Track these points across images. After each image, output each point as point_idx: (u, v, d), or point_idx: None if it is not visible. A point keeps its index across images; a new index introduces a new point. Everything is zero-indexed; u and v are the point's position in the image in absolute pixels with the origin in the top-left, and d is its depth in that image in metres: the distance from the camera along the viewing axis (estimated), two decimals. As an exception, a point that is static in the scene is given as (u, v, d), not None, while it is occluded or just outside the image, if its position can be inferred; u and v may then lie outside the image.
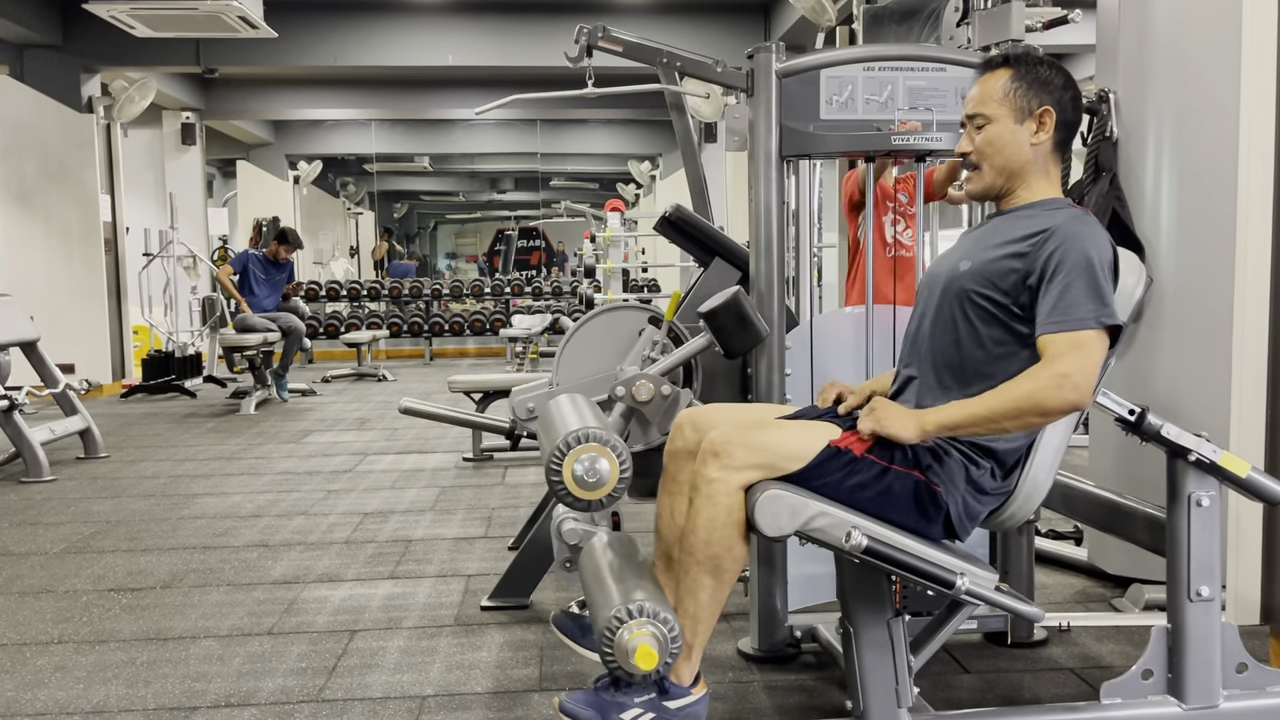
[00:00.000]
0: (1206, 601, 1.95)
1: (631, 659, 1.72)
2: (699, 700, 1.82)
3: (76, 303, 8.71)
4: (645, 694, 1.79)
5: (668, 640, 1.74)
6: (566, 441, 1.93)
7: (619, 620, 1.74)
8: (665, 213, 3.28)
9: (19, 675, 2.55)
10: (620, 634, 1.73)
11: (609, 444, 1.94)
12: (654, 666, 1.73)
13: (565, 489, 1.93)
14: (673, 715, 1.79)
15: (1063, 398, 1.71)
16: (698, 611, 1.81)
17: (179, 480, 4.95)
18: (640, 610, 1.74)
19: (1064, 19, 3.28)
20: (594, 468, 1.93)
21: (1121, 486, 2.67)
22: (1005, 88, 1.91)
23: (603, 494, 1.95)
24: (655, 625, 1.73)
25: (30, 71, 8.70)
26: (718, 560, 1.78)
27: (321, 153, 14.88)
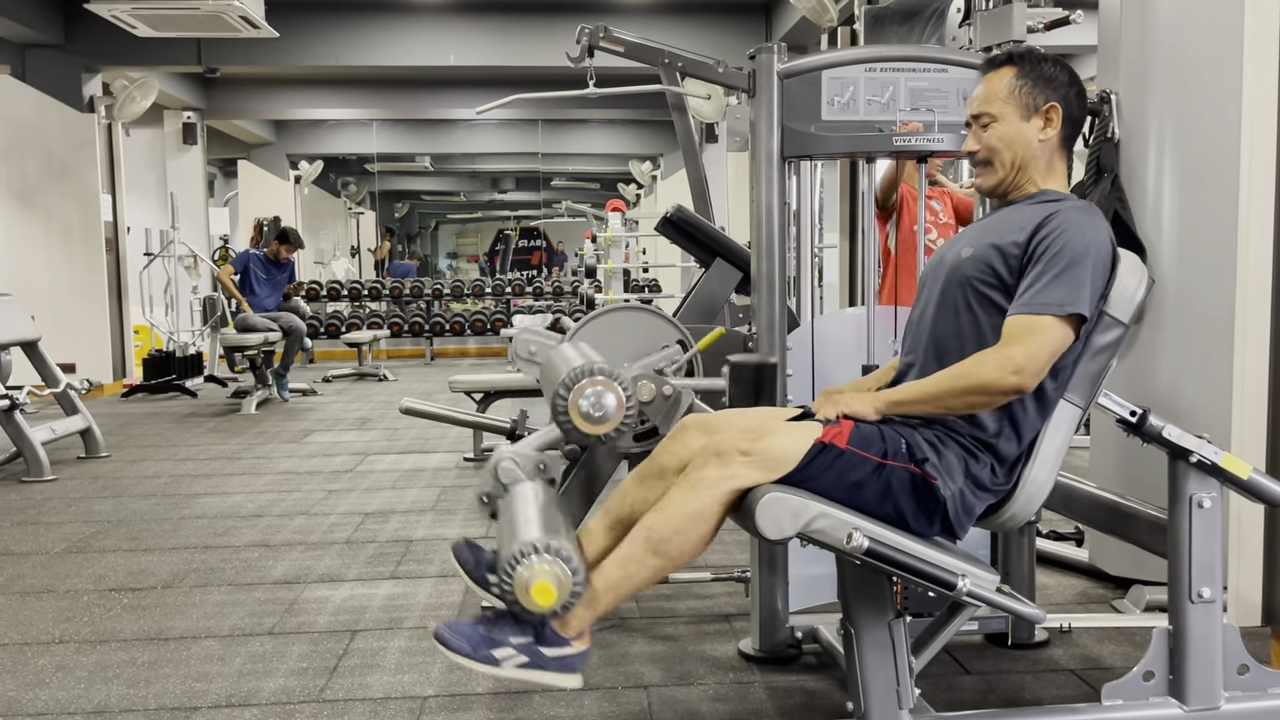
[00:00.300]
0: (1208, 603, 1.95)
1: (529, 593, 1.69)
2: (577, 654, 1.78)
3: (77, 302, 8.72)
4: (523, 636, 1.76)
5: (570, 583, 1.71)
6: (573, 376, 1.92)
7: (526, 553, 1.71)
8: (667, 213, 3.29)
9: (20, 675, 2.55)
10: (523, 566, 1.70)
11: (615, 378, 1.94)
12: (549, 605, 1.70)
13: (571, 423, 1.92)
14: (546, 662, 1.76)
15: (1004, 380, 1.74)
16: (620, 580, 1.78)
17: (180, 480, 4.95)
18: (547, 548, 1.71)
19: (1066, 20, 3.28)
20: (600, 401, 1.92)
21: (1123, 488, 2.67)
22: (1010, 85, 1.92)
23: (608, 427, 1.94)
24: (560, 565, 1.71)
25: (32, 71, 8.70)
26: (668, 546, 1.76)
27: (323, 152, 14.89)
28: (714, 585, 3.16)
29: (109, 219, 8.99)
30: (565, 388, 1.93)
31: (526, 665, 1.75)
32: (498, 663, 1.74)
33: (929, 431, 1.84)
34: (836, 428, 1.80)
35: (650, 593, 3.10)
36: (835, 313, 3.11)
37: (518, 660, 1.75)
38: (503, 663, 1.74)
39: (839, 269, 5.36)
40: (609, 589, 1.79)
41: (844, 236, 5.33)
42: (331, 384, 9.41)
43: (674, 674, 2.50)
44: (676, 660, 2.59)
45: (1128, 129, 2.97)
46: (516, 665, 1.75)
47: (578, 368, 1.93)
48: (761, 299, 2.47)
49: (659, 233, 3.60)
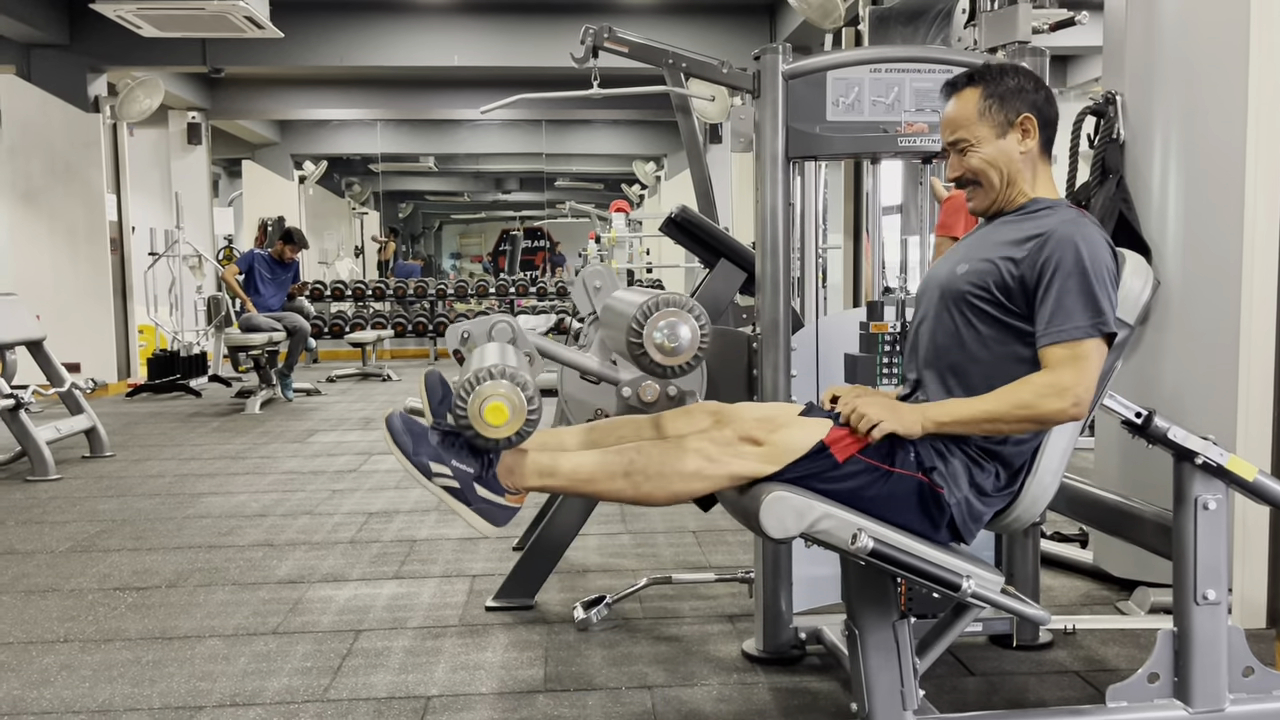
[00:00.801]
0: (1213, 605, 1.95)
1: (482, 414, 1.69)
2: (505, 507, 1.78)
3: (82, 302, 8.73)
4: (466, 464, 1.75)
5: (524, 410, 1.70)
6: (647, 308, 1.92)
7: (486, 376, 1.70)
8: (671, 214, 3.29)
9: (25, 674, 2.56)
10: (480, 388, 1.70)
11: (689, 309, 1.94)
12: (502, 424, 1.69)
13: (647, 354, 1.92)
14: (473, 498, 1.75)
15: (1061, 408, 1.73)
16: (585, 476, 1.79)
17: (184, 479, 4.96)
18: (506, 374, 1.71)
19: (1071, 20, 3.28)
20: (675, 332, 1.92)
21: (1127, 489, 2.66)
22: (979, 106, 1.90)
23: (684, 358, 1.94)
24: (516, 393, 1.70)
25: (37, 71, 8.72)
26: (644, 482, 1.76)
27: (327, 152, 14.90)
28: (718, 586, 3.16)
29: (114, 219, 9.00)
30: (641, 318, 1.92)
31: (453, 491, 1.75)
32: (430, 475, 1.74)
33: (937, 440, 1.84)
34: (843, 432, 1.79)
35: (654, 593, 3.10)
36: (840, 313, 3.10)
37: (448, 482, 1.75)
38: (434, 477, 1.74)
39: (843, 270, 5.36)
40: (569, 474, 1.80)
41: (848, 237, 5.33)
42: (335, 384, 9.41)
43: (678, 675, 2.50)
44: (680, 661, 2.59)
45: (1133, 130, 2.96)
46: (444, 486, 1.75)
47: (651, 299, 1.92)
48: (766, 299, 2.47)
49: (663, 233, 3.60)
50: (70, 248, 8.76)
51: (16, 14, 7.87)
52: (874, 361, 2.39)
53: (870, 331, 2.40)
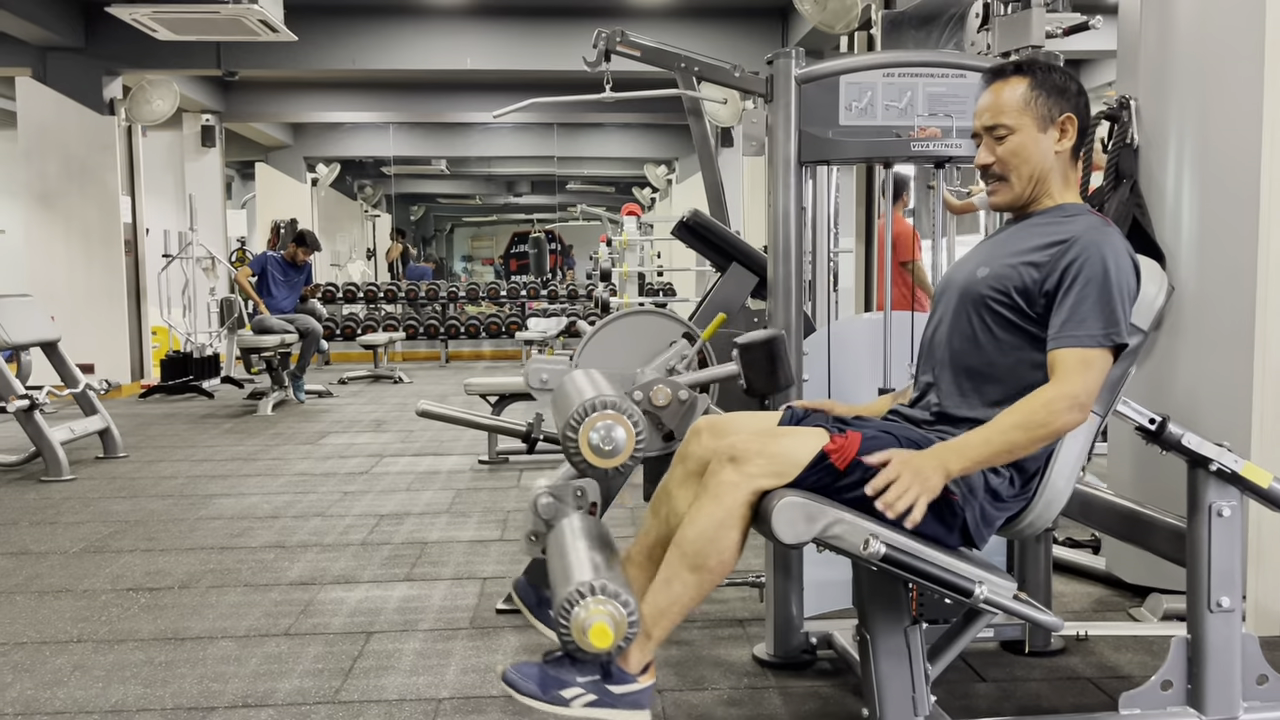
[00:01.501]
0: (1227, 612, 1.94)
1: (586, 635, 1.71)
2: (644, 689, 1.80)
3: (96, 303, 8.78)
4: (590, 675, 1.77)
5: (625, 622, 1.73)
6: (583, 409, 1.93)
7: (580, 595, 1.73)
8: (683, 218, 3.29)
9: (38, 674, 2.57)
10: (578, 609, 1.72)
11: (625, 412, 1.94)
12: (608, 646, 1.72)
13: (581, 456, 1.93)
14: (615, 700, 1.77)
15: (1076, 420, 1.73)
16: (668, 605, 1.80)
17: (196, 481, 4.98)
18: (601, 589, 1.73)
19: (1085, 25, 3.27)
20: (610, 435, 1.93)
21: (1140, 495, 2.65)
22: (1025, 96, 1.89)
23: (618, 461, 1.95)
24: (614, 605, 1.72)
25: (53, 73, 8.77)
26: (704, 559, 1.77)
27: (340, 155, 14.95)
28: (728, 590, 3.15)
29: (128, 221, 9.05)
30: (574, 422, 1.93)
31: (595, 704, 1.77)
32: (567, 703, 1.76)
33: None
34: (843, 438, 1.79)
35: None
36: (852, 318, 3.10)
37: (586, 699, 1.77)
38: (572, 702, 1.76)
39: (854, 274, 5.35)
40: (659, 615, 1.81)
41: (860, 241, 5.32)
42: (347, 386, 9.44)
43: (688, 679, 2.50)
44: (690, 665, 2.59)
45: (1147, 135, 2.95)
46: (585, 704, 1.77)
47: (586, 401, 1.94)
48: (778, 304, 2.47)
49: (675, 237, 3.60)
50: (85, 249, 8.81)
51: (33, 17, 7.92)
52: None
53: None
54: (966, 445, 1.74)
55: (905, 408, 2.02)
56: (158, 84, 9.06)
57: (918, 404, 1.98)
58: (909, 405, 2.01)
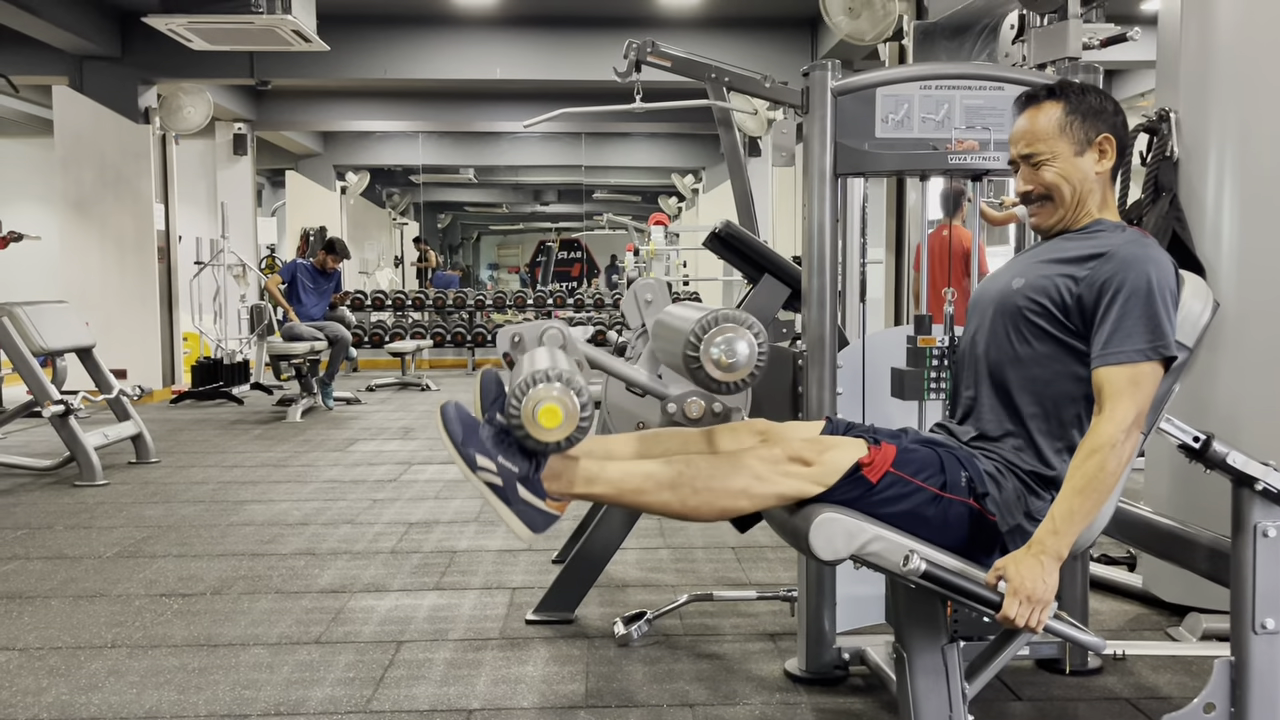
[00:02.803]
0: (1272, 634, 1.90)
1: (535, 416, 1.68)
2: (545, 512, 1.76)
3: (129, 309, 8.88)
4: (513, 463, 1.74)
5: (577, 414, 1.70)
6: (705, 323, 1.92)
7: (542, 378, 1.70)
8: (715, 229, 3.28)
9: (73, 678, 2.59)
10: (534, 389, 1.69)
11: (747, 324, 1.93)
12: (554, 427, 1.68)
13: (704, 370, 1.92)
14: (514, 499, 1.74)
15: (1134, 444, 1.69)
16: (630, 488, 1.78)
17: (227, 486, 5.02)
18: (564, 378, 1.70)
19: (1122, 37, 3.24)
20: (732, 348, 1.92)
21: (1178, 512, 2.61)
22: (1060, 121, 1.86)
23: (742, 374, 1.93)
24: (571, 397, 1.70)
25: (89, 82, 8.90)
26: (690, 495, 1.75)
27: (369, 164, 15.08)
28: (759, 604, 3.14)
29: (161, 228, 9.15)
30: (697, 335, 1.91)
31: (495, 488, 1.74)
32: (474, 468, 1.73)
33: (989, 463, 1.82)
34: (878, 451, 1.77)
35: (694, 609, 3.08)
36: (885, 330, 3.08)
37: (491, 478, 1.74)
38: (477, 470, 1.74)
39: (884, 285, 5.32)
40: (615, 482, 1.79)
41: (890, 252, 5.30)
42: (375, 393, 9.49)
43: (719, 693, 2.49)
44: (722, 679, 2.58)
45: (1187, 147, 2.92)
46: (486, 481, 1.74)
47: (708, 315, 1.92)
48: (812, 315, 2.46)
49: (707, 248, 3.59)
50: (119, 256, 8.92)
51: (70, 27, 8.04)
52: (921, 375, 2.36)
53: (918, 346, 2.37)
54: (1057, 530, 1.65)
55: (951, 422, 2.00)
56: (192, 93, 9.17)
57: (963, 423, 1.96)
58: (956, 421, 1.99)
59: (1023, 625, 1.62)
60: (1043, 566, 1.62)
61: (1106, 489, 1.67)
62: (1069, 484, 1.68)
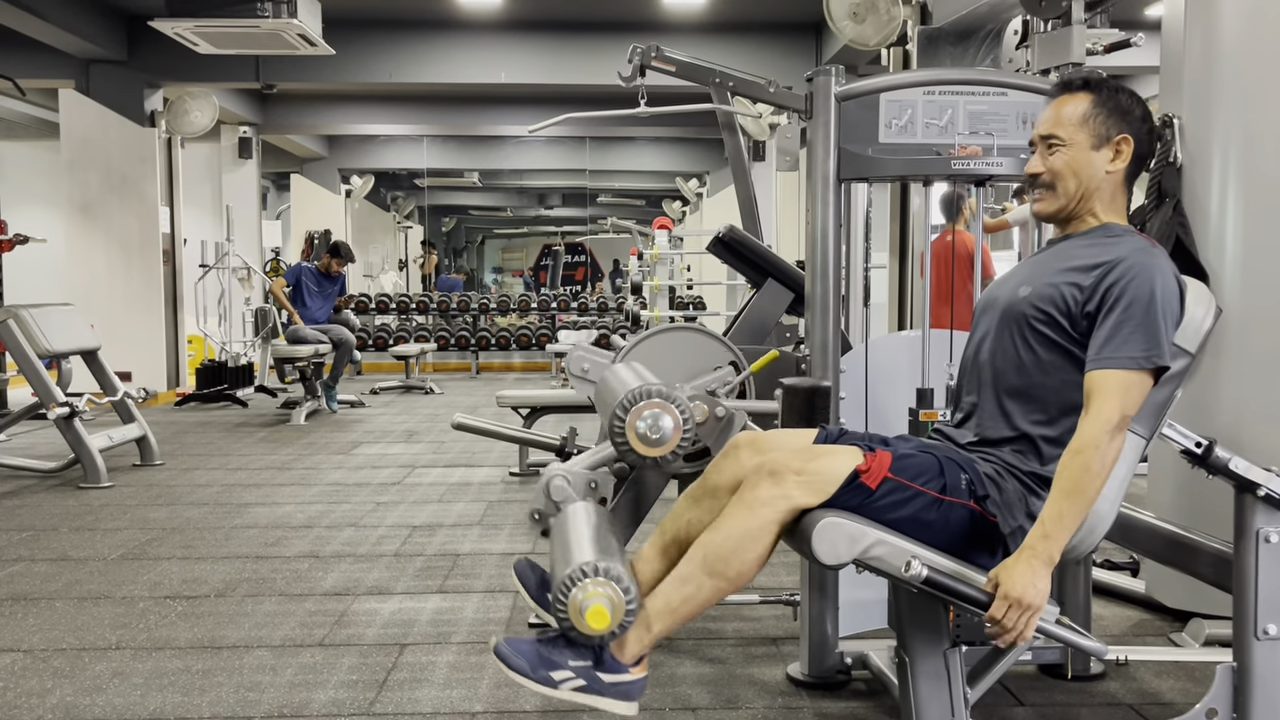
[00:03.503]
0: (1274, 640, 1.90)
1: (583, 616, 1.70)
2: (635, 681, 1.78)
3: (135, 312, 8.90)
4: (582, 660, 1.76)
5: (623, 606, 1.71)
6: (631, 397, 1.93)
7: (581, 575, 1.72)
8: (719, 233, 3.29)
9: (78, 680, 2.60)
10: (577, 589, 1.71)
11: (672, 400, 1.94)
12: (604, 628, 1.70)
13: (628, 444, 1.93)
14: (604, 688, 1.76)
15: (1119, 446, 1.70)
16: (678, 602, 1.78)
17: (231, 489, 5.03)
18: (603, 571, 1.72)
19: (1126, 43, 3.25)
20: (657, 424, 1.93)
21: (1181, 518, 2.62)
22: (1085, 113, 1.87)
23: (665, 450, 1.94)
24: (613, 588, 1.71)
25: (96, 86, 8.93)
26: (725, 566, 1.75)
27: (374, 167, 15.09)
28: (761, 608, 3.14)
29: (166, 231, 9.18)
30: (623, 410, 1.93)
31: (584, 689, 1.76)
32: (555, 685, 1.75)
33: (989, 465, 1.82)
34: (874, 457, 1.78)
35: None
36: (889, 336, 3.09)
37: (575, 684, 1.76)
38: (560, 685, 1.75)
39: (888, 290, 5.33)
40: (666, 612, 1.79)
41: (894, 257, 5.30)
42: (379, 396, 9.51)
43: (721, 697, 2.49)
44: (724, 683, 2.58)
45: (1190, 153, 2.92)
46: (573, 689, 1.76)
47: (635, 389, 1.94)
48: (816, 320, 2.46)
49: (711, 252, 3.60)
50: (124, 259, 8.94)
51: (76, 30, 8.07)
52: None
53: (920, 420, 2.38)
54: (1047, 534, 1.65)
55: (949, 427, 2.01)
56: (198, 97, 9.20)
57: (963, 425, 1.97)
58: (954, 425, 2.00)
59: (1010, 628, 1.63)
60: (1033, 571, 1.63)
61: (1093, 490, 1.67)
62: (1057, 487, 1.69)
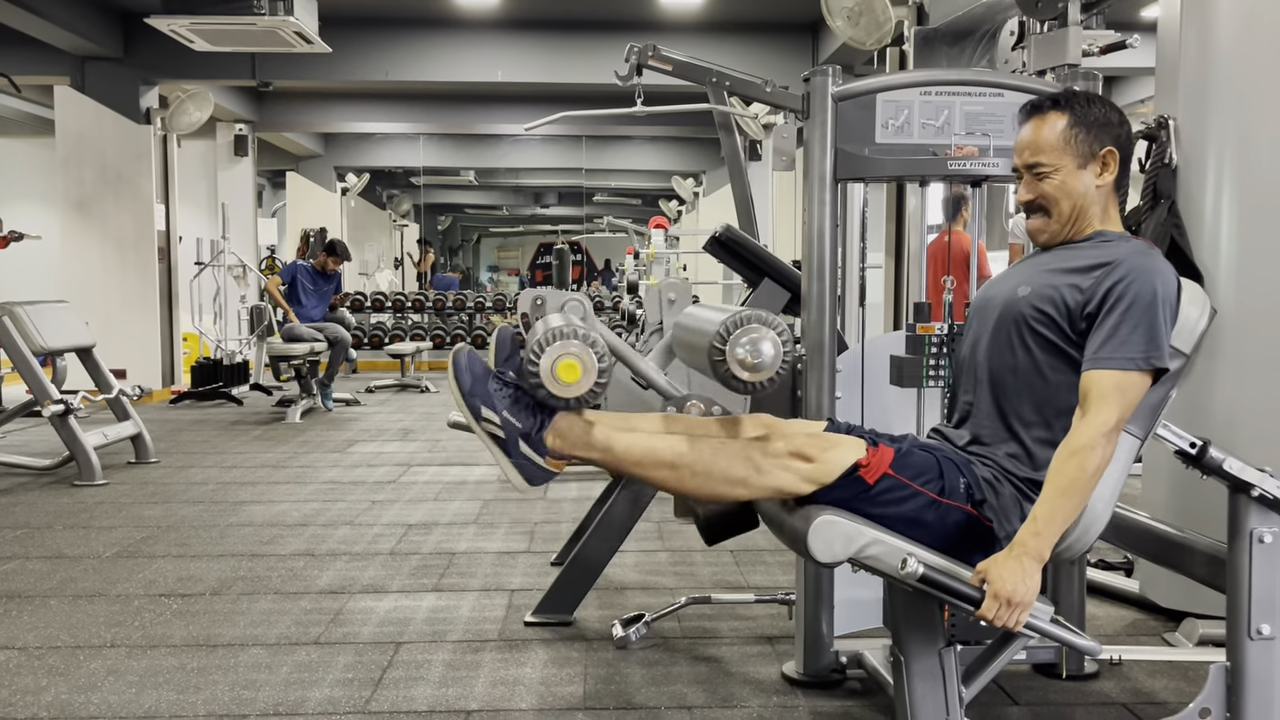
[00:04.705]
0: (1268, 640, 1.91)
1: (554, 371, 1.71)
2: (544, 469, 1.80)
3: (130, 309, 8.88)
4: (518, 419, 1.77)
5: (596, 368, 1.72)
6: (730, 323, 1.93)
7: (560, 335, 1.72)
8: (715, 233, 3.29)
9: (72, 678, 2.60)
10: (554, 345, 1.72)
11: (772, 325, 1.94)
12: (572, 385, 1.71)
13: (729, 370, 1.92)
14: (514, 453, 1.78)
15: (1114, 447, 1.70)
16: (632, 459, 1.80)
17: (227, 487, 5.02)
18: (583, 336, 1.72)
19: (1122, 44, 3.25)
20: (757, 348, 1.93)
21: (1175, 518, 2.63)
22: (1065, 134, 1.86)
23: (766, 374, 1.94)
24: (588, 351, 1.72)
25: (91, 83, 8.91)
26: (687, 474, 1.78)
27: (369, 165, 15.08)
28: (757, 607, 3.14)
29: (162, 228, 9.16)
30: (722, 335, 1.92)
31: (498, 440, 1.78)
32: (479, 418, 1.77)
33: (986, 470, 1.83)
34: (875, 452, 1.78)
35: (693, 612, 3.09)
36: (885, 335, 3.09)
37: (494, 429, 1.77)
38: (482, 421, 1.77)
39: (884, 290, 5.34)
40: (617, 449, 1.81)
41: (890, 257, 5.31)
42: (374, 394, 9.50)
43: (717, 696, 2.49)
44: (719, 682, 2.58)
45: (1186, 155, 2.93)
46: (489, 432, 1.78)
47: (733, 315, 1.93)
48: (812, 320, 2.47)
49: (707, 251, 3.60)
50: (119, 256, 8.92)
51: (72, 27, 8.06)
52: (920, 363, 2.36)
53: (917, 333, 2.37)
54: (1038, 531, 1.66)
55: (947, 427, 2.01)
56: (193, 94, 9.18)
57: (960, 426, 1.97)
58: (952, 425, 2.00)
59: (1000, 626, 1.63)
60: (1023, 568, 1.63)
61: (1087, 489, 1.68)
62: (1051, 485, 1.69)
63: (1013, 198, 5.26)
